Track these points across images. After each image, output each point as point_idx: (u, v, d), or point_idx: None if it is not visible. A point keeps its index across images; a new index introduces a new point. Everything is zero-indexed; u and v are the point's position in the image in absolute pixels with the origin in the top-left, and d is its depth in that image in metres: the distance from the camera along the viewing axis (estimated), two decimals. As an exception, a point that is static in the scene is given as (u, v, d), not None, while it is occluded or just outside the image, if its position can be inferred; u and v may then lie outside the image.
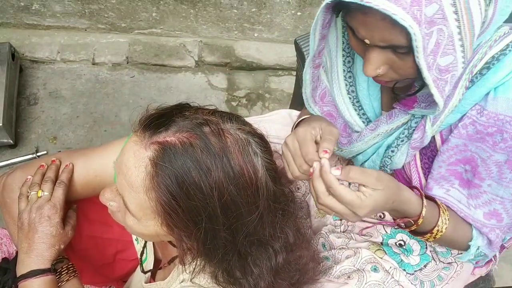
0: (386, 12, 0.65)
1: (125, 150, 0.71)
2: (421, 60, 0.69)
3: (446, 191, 0.90)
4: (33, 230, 0.88)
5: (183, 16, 2.17)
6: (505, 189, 0.86)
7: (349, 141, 0.97)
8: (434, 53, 0.70)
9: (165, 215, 0.70)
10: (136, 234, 0.79)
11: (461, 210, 0.89)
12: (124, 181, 0.70)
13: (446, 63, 0.72)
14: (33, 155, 1.90)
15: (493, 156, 0.83)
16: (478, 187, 0.87)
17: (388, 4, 0.65)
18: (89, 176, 0.96)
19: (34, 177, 0.94)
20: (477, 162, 0.85)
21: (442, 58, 0.71)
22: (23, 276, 0.87)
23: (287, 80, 2.24)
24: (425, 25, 0.67)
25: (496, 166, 0.84)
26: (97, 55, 2.21)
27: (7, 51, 1.91)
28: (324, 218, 1.13)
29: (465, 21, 0.70)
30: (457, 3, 0.68)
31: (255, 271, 0.77)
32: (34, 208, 0.89)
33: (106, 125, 2.04)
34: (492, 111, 0.80)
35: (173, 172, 0.67)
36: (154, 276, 1.01)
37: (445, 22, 0.68)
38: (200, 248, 0.73)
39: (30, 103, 2.06)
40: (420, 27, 0.66)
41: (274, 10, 2.14)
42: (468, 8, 0.69)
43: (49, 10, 2.14)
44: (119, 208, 0.77)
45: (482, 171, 0.85)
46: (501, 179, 0.85)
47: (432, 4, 0.66)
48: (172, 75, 2.21)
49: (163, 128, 0.69)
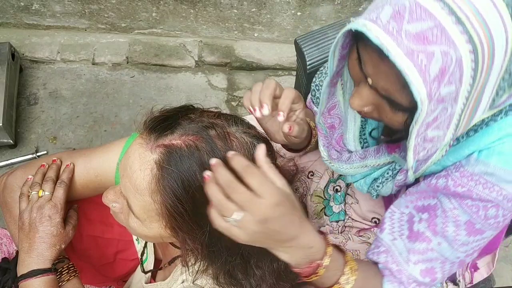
0: (404, 76, 0.61)
1: (130, 152, 0.71)
2: (414, 130, 0.66)
3: (393, 239, 0.87)
4: (34, 230, 0.88)
5: (183, 16, 2.17)
6: (453, 251, 0.82)
7: (339, 157, 0.96)
8: (427, 125, 0.67)
9: (170, 218, 0.70)
10: (139, 235, 0.79)
11: (398, 263, 0.85)
12: (129, 183, 0.70)
13: (434, 135, 0.69)
14: (33, 155, 1.90)
15: (456, 211, 0.79)
16: (427, 241, 0.83)
17: (411, 68, 0.60)
18: (90, 176, 0.96)
19: (35, 176, 0.94)
20: (437, 212, 0.82)
21: (433, 131, 0.68)
22: (24, 276, 0.87)
23: (287, 80, 2.24)
24: (435, 102, 0.63)
25: (454, 225, 0.80)
26: (97, 55, 2.21)
27: (7, 51, 1.91)
28: (322, 219, 1.13)
29: (471, 104, 0.67)
30: (473, 88, 0.64)
31: (257, 273, 0.77)
32: (35, 208, 0.89)
33: (106, 125, 2.04)
34: (469, 170, 0.76)
35: (179, 175, 0.66)
36: (155, 276, 1.01)
37: (453, 103, 0.65)
38: (204, 251, 0.73)
39: (30, 103, 2.06)
40: (429, 103, 0.63)
41: (274, 10, 2.14)
42: (482, 93, 0.66)
43: (49, 10, 2.14)
44: (122, 210, 0.77)
45: (439, 223, 0.82)
46: (454, 240, 0.81)
47: (452, 85, 0.62)
48: (172, 75, 2.21)
49: (169, 131, 0.69)
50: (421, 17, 0.60)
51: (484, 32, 0.60)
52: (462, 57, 0.60)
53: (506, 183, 0.75)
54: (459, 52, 0.60)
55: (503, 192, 0.75)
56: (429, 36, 0.59)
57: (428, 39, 0.59)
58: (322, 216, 1.13)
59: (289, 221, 0.66)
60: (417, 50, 0.60)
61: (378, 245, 0.89)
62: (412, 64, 0.60)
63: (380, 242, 0.89)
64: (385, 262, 0.86)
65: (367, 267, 0.86)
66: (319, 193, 1.12)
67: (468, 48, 0.60)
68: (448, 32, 0.59)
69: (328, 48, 1.19)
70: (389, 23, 0.61)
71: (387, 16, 0.61)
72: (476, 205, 0.77)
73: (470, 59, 0.60)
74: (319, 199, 1.12)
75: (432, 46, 0.59)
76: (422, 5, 0.60)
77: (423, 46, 0.59)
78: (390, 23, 0.61)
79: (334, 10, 2.13)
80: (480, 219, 0.78)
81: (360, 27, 0.63)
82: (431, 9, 0.59)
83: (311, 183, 1.13)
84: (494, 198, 0.76)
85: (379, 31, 0.61)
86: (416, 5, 0.60)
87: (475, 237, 0.81)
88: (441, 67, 0.60)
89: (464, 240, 0.81)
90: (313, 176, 1.14)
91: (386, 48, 0.60)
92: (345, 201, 1.09)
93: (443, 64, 0.60)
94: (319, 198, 1.12)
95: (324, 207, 1.12)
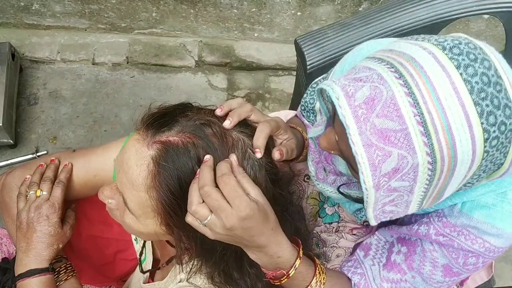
0: (356, 162, 0.60)
1: (127, 148, 0.71)
2: (367, 205, 0.65)
3: (372, 265, 0.87)
4: (32, 229, 0.88)
5: (183, 16, 2.17)
6: (426, 284, 0.82)
7: (324, 179, 0.94)
8: (384, 204, 0.66)
9: (165, 215, 0.70)
10: (134, 232, 0.79)
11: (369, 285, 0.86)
12: (125, 179, 0.70)
13: (392, 209, 0.68)
14: (33, 155, 1.90)
15: (435, 253, 0.79)
16: (402, 273, 0.83)
17: (364, 159, 0.59)
18: (88, 175, 0.96)
19: (33, 176, 0.94)
20: (417, 249, 0.81)
21: (391, 207, 0.67)
22: (21, 275, 0.87)
23: (287, 80, 2.24)
24: (385, 190, 0.62)
25: (431, 265, 0.80)
26: (97, 55, 2.21)
27: (7, 51, 1.91)
28: (317, 221, 1.13)
29: (434, 193, 0.64)
30: (432, 186, 0.62)
31: (252, 272, 0.77)
32: (33, 208, 0.89)
33: (106, 125, 2.04)
34: (451, 222, 0.75)
35: (175, 172, 0.67)
36: (153, 276, 1.00)
37: (409, 194, 0.63)
38: (198, 248, 0.73)
39: (30, 103, 2.06)
40: (377, 192, 0.62)
41: (274, 10, 2.14)
42: (444, 188, 0.63)
43: (49, 10, 2.14)
44: (118, 206, 0.77)
45: (416, 260, 0.81)
46: (429, 278, 0.81)
47: (405, 182, 0.61)
48: (172, 75, 2.21)
49: (166, 127, 0.69)
50: (391, 117, 0.58)
51: (448, 150, 0.57)
52: (419, 165, 0.59)
53: (489, 236, 0.74)
54: (417, 160, 0.58)
55: (485, 244, 0.74)
56: (391, 138, 0.58)
57: (390, 140, 0.58)
58: (317, 218, 1.13)
59: (257, 233, 0.68)
60: (376, 145, 0.59)
61: (356, 266, 0.89)
62: (366, 157, 0.59)
63: (360, 264, 0.89)
64: (358, 283, 0.87)
65: (338, 280, 0.86)
66: (315, 196, 1.12)
67: (427, 159, 0.58)
68: (411, 140, 0.57)
69: (328, 48, 1.19)
70: (360, 107, 0.59)
71: (362, 97, 0.59)
72: (456, 252, 0.77)
73: (427, 168, 0.59)
74: (315, 201, 1.12)
75: (392, 148, 0.58)
76: (397, 103, 0.58)
77: (382, 144, 0.59)
78: (361, 108, 0.59)
79: (334, 10, 2.13)
80: (459, 265, 0.78)
81: (333, 98, 0.61)
82: (404, 112, 0.57)
83: (307, 186, 1.13)
84: (475, 250, 0.75)
85: (348, 112, 0.60)
86: (391, 101, 0.58)
87: (451, 278, 0.80)
88: (394, 167, 0.59)
89: (439, 280, 0.81)
90: (309, 179, 1.14)
91: (348, 131, 0.60)
92: (338, 204, 1.09)
93: (398, 165, 0.59)
94: (314, 200, 1.12)
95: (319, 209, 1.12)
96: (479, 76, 0.56)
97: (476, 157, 0.59)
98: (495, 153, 0.60)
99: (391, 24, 1.20)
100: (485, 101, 0.56)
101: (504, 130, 0.58)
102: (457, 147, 0.57)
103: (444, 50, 0.58)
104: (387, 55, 0.62)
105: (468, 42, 0.59)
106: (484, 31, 2.23)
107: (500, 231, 0.73)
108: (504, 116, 0.57)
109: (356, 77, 0.62)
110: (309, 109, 1.02)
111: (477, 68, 0.57)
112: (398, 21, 1.20)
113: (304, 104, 1.04)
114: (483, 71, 0.57)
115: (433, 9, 1.20)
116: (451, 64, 0.57)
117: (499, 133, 0.57)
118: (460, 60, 0.57)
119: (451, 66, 0.57)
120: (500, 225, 0.73)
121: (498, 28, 2.20)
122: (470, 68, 0.57)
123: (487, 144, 0.58)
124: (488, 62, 0.57)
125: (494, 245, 0.74)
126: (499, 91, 0.57)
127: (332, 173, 0.94)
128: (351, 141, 0.60)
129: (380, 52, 0.64)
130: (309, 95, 1.04)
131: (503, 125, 0.57)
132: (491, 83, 0.56)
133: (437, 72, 0.57)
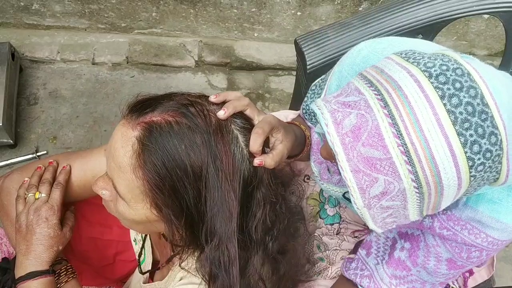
0: (346, 184, 0.63)
1: (114, 133, 0.73)
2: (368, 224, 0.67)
3: (377, 264, 0.88)
4: (31, 232, 0.88)
5: (183, 16, 2.17)
6: (431, 276, 0.83)
7: (329, 179, 0.95)
8: (383, 218, 0.67)
9: (152, 194, 0.71)
10: (128, 223, 0.80)
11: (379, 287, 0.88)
12: (113, 163, 0.71)
13: (393, 220, 0.68)
14: (33, 155, 1.90)
15: (439, 248, 0.80)
16: (407, 270, 0.84)
17: (353, 183, 0.62)
18: (87, 176, 0.96)
19: (31, 179, 0.94)
20: (420, 244, 0.82)
21: (391, 218, 0.67)
22: (22, 278, 0.87)
23: (287, 80, 2.24)
24: (378, 208, 0.64)
25: (435, 260, 0.81)
26: (97, 55, 2.21)
27: (7, 51, 1.91)
28: (317, 222, 1.13)
29: (430, 206, 0.65)
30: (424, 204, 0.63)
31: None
32: (32, 210, 0.89)
33: (106, 125, 2.04)
34: (456, 215, 0.76)
35: (158, 150, 0.68)
36: (153, 277, 1.01)
37: (404, 209, 0.65)
38: (188, 230, 0.74)
39: (30, 103, 2.06)
40: (369, 210, 0.64)
41: (274, 10, 2.13)
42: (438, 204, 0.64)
43: (49, 10, 2.14)
44: (112, 197, 0.77)
45: (420, 256, 0.82)
46: (434, 272, 0.82)
47: (395, 201, 0.63)
48: (172, 75, 2.21)
49: (149, 109, 0.71)
50: (376, 146, 0.59)
51: (433, 177, 0.58)
52: (405, 189, 0.60)
53: (492, 230, 0.74)
54: (403, 185, 0.60)
55: (488, 238, 0.75)
56: (377, 165, 0.59)
57: (376, 167, 0.60)
58: (318, 219, 1.13)
59: None
60: (363, 171, 0.60)
61: (363, 268, 0.90)
62: (354, 182, 0.61)
63: (365, 265, 0.90)
64: (368, 287, 0.88)
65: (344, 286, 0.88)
66: (315, 196, 1.12)
67: (413, 185, 0.60)
68: (396, 168, 0.59)
69: (328, 48, 1.19)
70: (347, 135, 0.61)
71: (349, 125, 0.61)
72: (459, 246, 0.77)
73: (414, 192, 0.60)
74: (315, 202, 1.12)
75: (378, 174, 0.60)
76: (381, 133, 0.59)
77: (369, 171, 0.60)
78: (348, 136, 0.61)
79: (334, 10, 2.13)
80: (463, 259, 0.78)
81: (323, 124, 0.63)
82: (387, 142, 0.58)
83: (307, 186, 1.13)
84: (479, 244, 0.75)
85: (336, 140, 0.62)
86: (375, 130, 0.59)
87: (455, 270, 0.81)
88: (382, 191, 0.61)
89: (444, 272, 0.82)
90: (309, 180, 1.14)
91: (337, 157, 0.62)
92: (339, 204, 1.09)
93: (385, 189, 0.61)
94: (315, 201, 1.12)
95: (320, 210, 1.12)
96: (463, 106, 0.57)
97: (463, 182, 0.60)
98: (484, 175, 0.60)
99: (391, 24, 1.20)
100: (469, 131, 0.57)
101: (490, 156, 0.58)
102: (441, 175, 0.58)
103: (430, 78, 0.58)
104: (378, 78, 0.63)
105: (456, 67, 0.59)
106: (484, 31, 2.23)
107: (504, 226, 0.73)
108: (490, 144, 0.57)
109: (346, 101, 0.63)
110: (310, 112, 1.02)
111: (462, 98, 0.57)
112: (398, 21, 1.20)
113: (305, 107, 1.05)
114: (468, 101, 0.57)
115: (433, 9, 1.19)
116: (435, 94, 0.57)
117: (484, 160, 0.58)
118: (445, 90, 0.57)
119: (435, 96, 0.57)
120: (504, 219, 0.73)
121: (498, 28, 2.20)
122: (455, 98, 0.57)
123: (472, 170, 0.58)
124: (474, 90, 0.57)
125: (498, 239, 0.75)
126: (485, 119, 0.57)
127: (336, 173, 0.94)
128: (340, 166, 0.62)
129: (373, 71, 0.65)
130: (309, 98, 1.03)
131: (488, 152, 0.58)
132: (476, 112, 0.57)
133: (421, 103, 0.57)
